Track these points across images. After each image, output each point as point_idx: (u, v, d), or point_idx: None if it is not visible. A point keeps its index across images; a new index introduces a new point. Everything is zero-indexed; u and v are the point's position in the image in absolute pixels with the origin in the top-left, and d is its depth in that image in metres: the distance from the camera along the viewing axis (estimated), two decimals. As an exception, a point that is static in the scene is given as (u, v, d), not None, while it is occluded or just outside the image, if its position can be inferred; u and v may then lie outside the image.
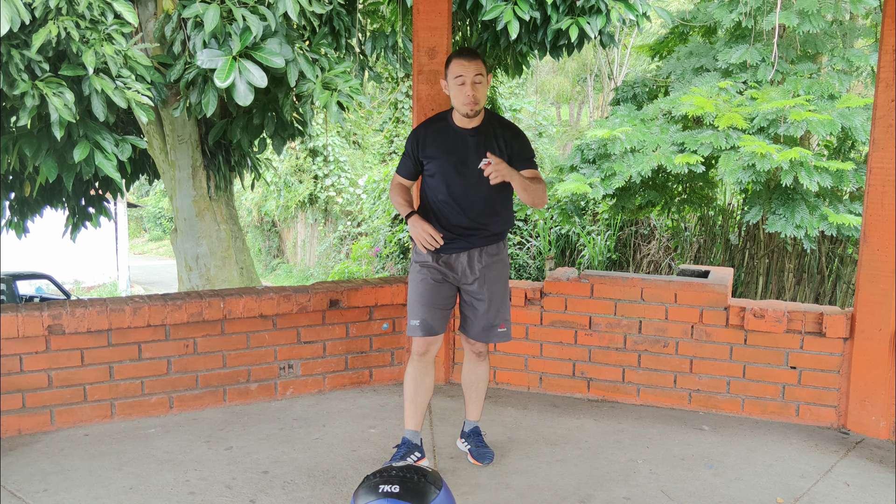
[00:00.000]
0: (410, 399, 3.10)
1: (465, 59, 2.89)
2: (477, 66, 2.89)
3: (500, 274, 3.10)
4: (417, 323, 3.04)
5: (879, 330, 3.48)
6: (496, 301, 3.09)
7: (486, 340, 3.14)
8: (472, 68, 2.88)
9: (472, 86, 2.87)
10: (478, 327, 3.10)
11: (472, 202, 2.99)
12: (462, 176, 2.98)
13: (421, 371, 3.09)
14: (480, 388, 3.25)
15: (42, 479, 2.99)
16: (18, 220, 7.77)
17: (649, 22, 8.27)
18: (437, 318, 3.06)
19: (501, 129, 3.03)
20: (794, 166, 6.14)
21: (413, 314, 3.07)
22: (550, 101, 24.68)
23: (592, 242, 10.86)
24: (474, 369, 3.23)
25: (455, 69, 2.90)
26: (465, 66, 2.88)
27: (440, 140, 3.01)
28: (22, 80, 5.15)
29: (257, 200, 22.56)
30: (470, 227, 3.01)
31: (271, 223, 23.40)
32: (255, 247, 23.35)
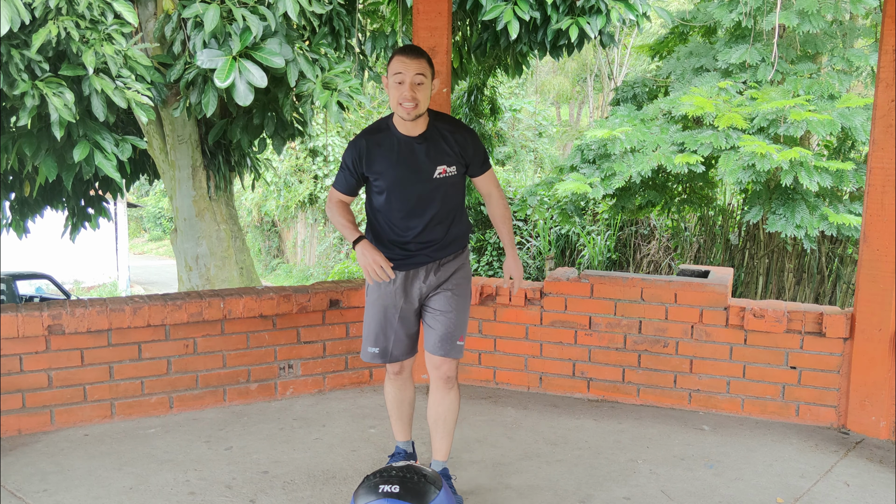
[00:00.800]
0: (396, 416, 2.98)
1: (407, 57, 2.59)
2: (419, 64, 2.59)
3: (461, 284, 2.83)
4: (377, 351, 2.84)
5: (879, 330, 3.49)
6: (456, 311, 2.79)
7: (445, 353, 2.77)
8: (412, 66, 2.58)
9: (411, 86, 2.57)
10: (435, 337, 2.77)
11: (426, 215, 2.72)
12: (414, 190, 2.70)
13: (399, 388, 2.93)
14: (449, 422, 2.83)
15: (42, 479, 2.99)
16: (19, 221, 7.77)
17: (649, 22, 8.27)
18: (399, 346, 2.84)
19: (452, 133, 2.73)
20: (794, 166, 6.14)
21: (371, 340, 2.85)
22: (550, 101, 24.69)
23: (592, 242, 10.86)
24: (441, 399, 2.81)
25: (395, 66, 2.60)
26: (405, 63, 2.58)
27: (385, 152, 2.70)
28: (22, 80, 5.15)
29: (257, 200, 22.55)
30: (426, 240, 2.75)
31: (271, 223, 23.40)
32: (255, 247, 23.35)
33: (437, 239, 2.77)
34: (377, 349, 2.85)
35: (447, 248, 2.80)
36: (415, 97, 2.58)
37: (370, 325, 2.86)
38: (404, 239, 2.75)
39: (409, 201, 2.72)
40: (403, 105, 2.59)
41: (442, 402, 2.81)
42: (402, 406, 2.96)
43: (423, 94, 2.61)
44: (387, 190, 2.71)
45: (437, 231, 2.76)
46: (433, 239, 2.76)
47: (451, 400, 2.81)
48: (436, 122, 2.74)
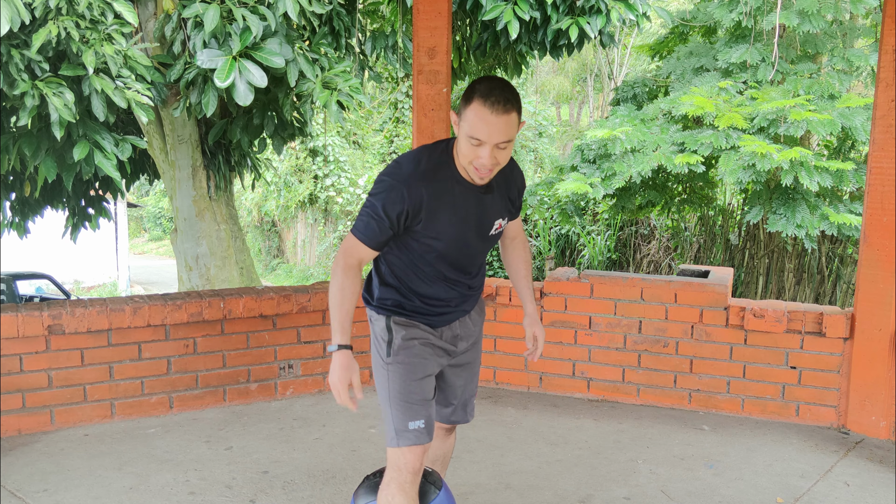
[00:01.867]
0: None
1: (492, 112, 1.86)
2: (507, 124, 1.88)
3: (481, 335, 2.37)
4: (423, 424, 2.08)
5: (879, 330, 3.48)
6: (478, 368, 2.38)
7: (465, 419, 2.36)
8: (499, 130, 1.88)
9: (492, 154, 1.91)
10: (459, 402, 2.33)
11: (472, 268, 2.21)
12: (467, 250, 2.13)
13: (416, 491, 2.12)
14: (446, 459, 2.47)
15: (42, 479, 2.99)
16: (19, 221, 7.77)
17: (649, 22, 8.27)
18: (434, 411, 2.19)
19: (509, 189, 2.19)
20: (794, 166, 6.14)
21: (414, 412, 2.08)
22: (550, 101, 24.69)
23: (592, 242, 10.86)
24: (441, 444, 2.40)
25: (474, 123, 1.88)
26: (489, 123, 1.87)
27: (449, 202, 2.03)
28: (22, 80, 5.16)
29: (257, 200, 22.56)
30: (466, 294, 2.22)
31: (271, 223, 23.40)
32: (255, 247, 23.35)
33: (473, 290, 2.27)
34: (423, 422, 2.08)
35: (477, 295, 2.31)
36: (496, 163, 1.95)
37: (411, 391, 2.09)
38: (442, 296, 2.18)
39: (464, 257, 2.15)
40: (479, 171, 1.95)
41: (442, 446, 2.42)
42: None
43: (505, 155, 1.96)
44: (436, 251, 2.08)
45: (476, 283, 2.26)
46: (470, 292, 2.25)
47: (452, 440, 2.45)
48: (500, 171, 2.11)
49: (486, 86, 1.90)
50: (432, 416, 2.13)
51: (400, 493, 2.04)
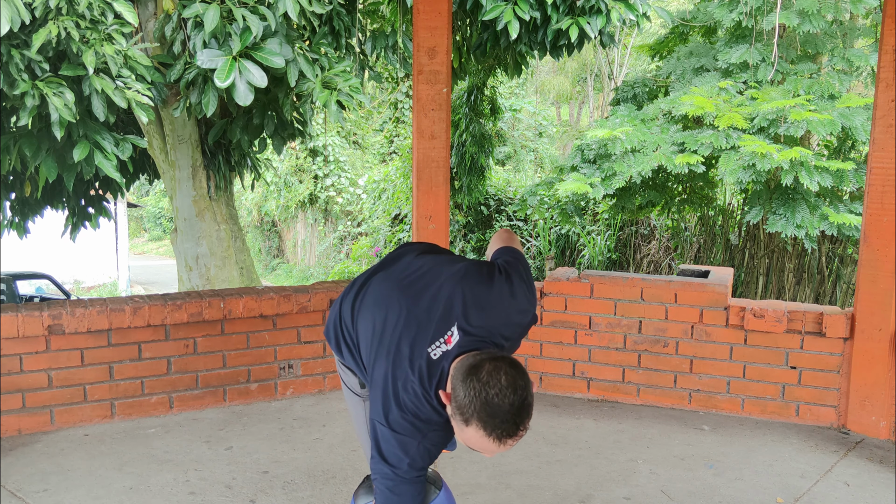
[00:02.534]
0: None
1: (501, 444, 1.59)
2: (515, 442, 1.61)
3: None
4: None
5: (879, 330, 3.48)
6: None
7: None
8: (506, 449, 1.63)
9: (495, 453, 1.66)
10: None
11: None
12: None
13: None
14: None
15: (42, 479, 2.99)
16: (19, 221, 7.77)
17: (649, 22, 8.27)
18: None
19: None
20: (794, 166, 6.14)
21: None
22: (550, 101, 24.68)
23: (592, 242, 10.86)
24: None
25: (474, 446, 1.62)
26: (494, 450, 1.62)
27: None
28: (22, 80, 5.16)
29: (257, 200, 22.56)
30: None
31: (271, 223, 23.40)
32: (255, 247, 23.35)
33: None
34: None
35: None
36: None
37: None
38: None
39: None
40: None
41: None
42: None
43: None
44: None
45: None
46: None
47: None
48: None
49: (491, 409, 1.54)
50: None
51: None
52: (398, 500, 1.70)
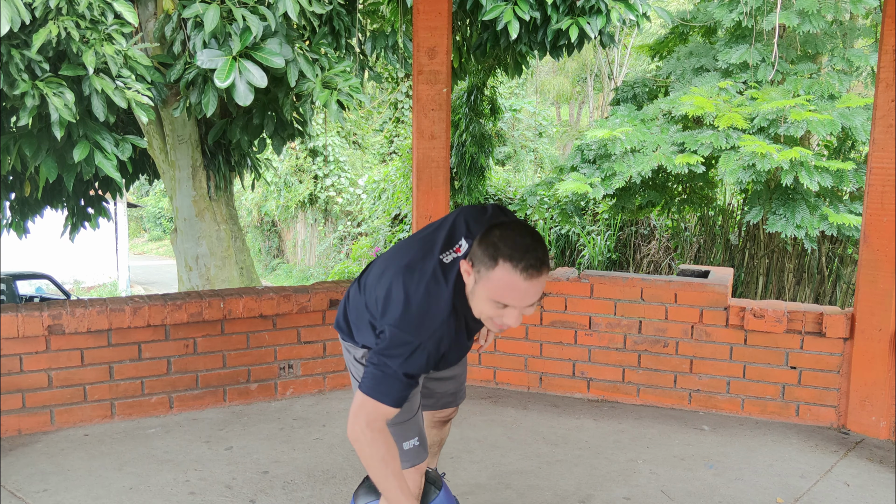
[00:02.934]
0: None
1: (528, 279, 1.68)
2: (541, 283, 1.71)
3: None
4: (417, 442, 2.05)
5: (879, 330, 3.48)
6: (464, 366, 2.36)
7: (455, 404, 2.35)
8: (533, 292, 1.71)
9: (521, 314, 1.76)
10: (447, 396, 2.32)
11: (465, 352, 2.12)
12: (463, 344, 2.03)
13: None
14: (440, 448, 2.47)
15: (42, 479, 2.99)
16: (19, 221, 7.77)
17: (649, 22, 8.27)
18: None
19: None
20: (794, 166, 6.14)
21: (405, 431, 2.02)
22: (550, 101, 24.68)
23: (592, 242, 10.85)
24: (438, 432, 2.41)
25: (502, 291, 1.70)
26: (523, 290, 1.69)
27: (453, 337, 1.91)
28: (22, 80, 5.16)
29: (257, 200, 22.56)
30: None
31: (271, 223, 23.40)
32: (255, 247, 23.35)
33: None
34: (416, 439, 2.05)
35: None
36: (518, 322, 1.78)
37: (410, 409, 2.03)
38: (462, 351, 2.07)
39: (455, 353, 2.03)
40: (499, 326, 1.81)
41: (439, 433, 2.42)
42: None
43: (530, 311, 1.80)
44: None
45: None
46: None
47: (448, 428, 2.45)
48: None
49: (513, 245, 1.69)
50: (423, 429, 2.08)
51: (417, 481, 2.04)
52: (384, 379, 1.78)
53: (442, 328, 1.83)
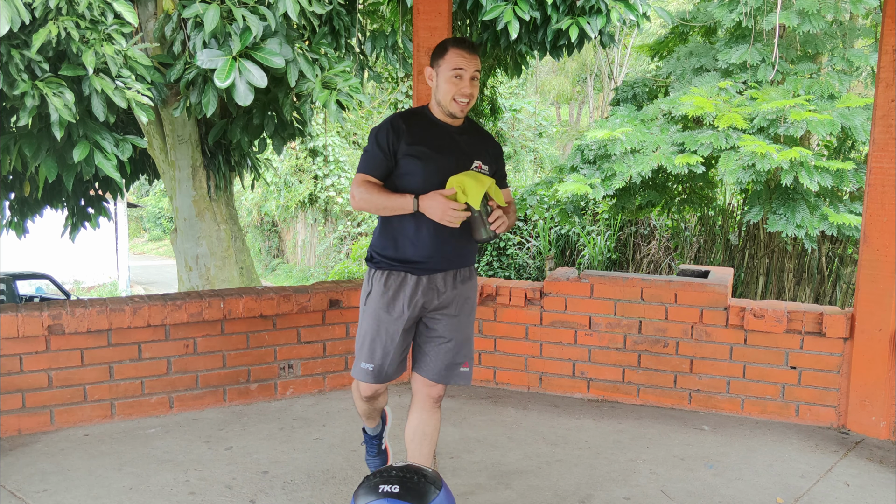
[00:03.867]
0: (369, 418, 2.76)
1: (467, 52, 2.47)
2: (477, 61, 2.50)
3: (471, 306, 2.62)
4: (371, 367, 2.53)
5: (879, 330, 3.48)
6: (463, 334, 2.59)
7: (447, 381, 2.57)
8: (473, 62, 2.47)
9: (470, 82, 2.46)
10: (439, 365, 2.55)
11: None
12: (448, 177, 2.45)
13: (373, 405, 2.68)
14: (433, 441, 2.62)
15: (42, 479, 2.99)
16: (18, 221, 7.77)
17: (649, 22, 8.27)
18: (394, 365, 2.56)
19: (484, 142, 2.62)
20: (794, 166, 6.14)
21: (365, 355, 2.54)
22: (550, 101, 24.69)
23: (592, 242, 10.86)
24: (428, 419, 2.59)
25: (454, 59, 2.46)
26: (465, 58, 2.46)
27: (427, 136, 2.49)
28: (22, 80, 5.16)
29: (257, 200, 22.56)
30: (452, 242, 2.52)
31: (271, 223, 23.40)
32: (255, 247, 23.35)
33: (458, 243, 2.54)
34: (371, 366, 2.53)
35: (464, 258, 2.58)
36: (472, 93, 2.48)
37: (366, 336, 2.53)
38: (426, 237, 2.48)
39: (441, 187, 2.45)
40: (458, 101, 2.47)
41: (428, 422, 2.59)
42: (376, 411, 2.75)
43: (476, 91, 2.51)
44: (419, 175, 2.46)
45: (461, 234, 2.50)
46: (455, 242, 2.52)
47: (437, 419, 2.61)
48: (470, 123, 2.65)
49: (456, 39, 2.54)
50: (384, 367, 2.53)
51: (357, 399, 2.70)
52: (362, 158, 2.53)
53: (405, 115, 2.54)
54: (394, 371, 2.56)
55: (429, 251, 2.50)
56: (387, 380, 2.56)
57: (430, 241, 2.49)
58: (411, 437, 2.58)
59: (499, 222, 2.42)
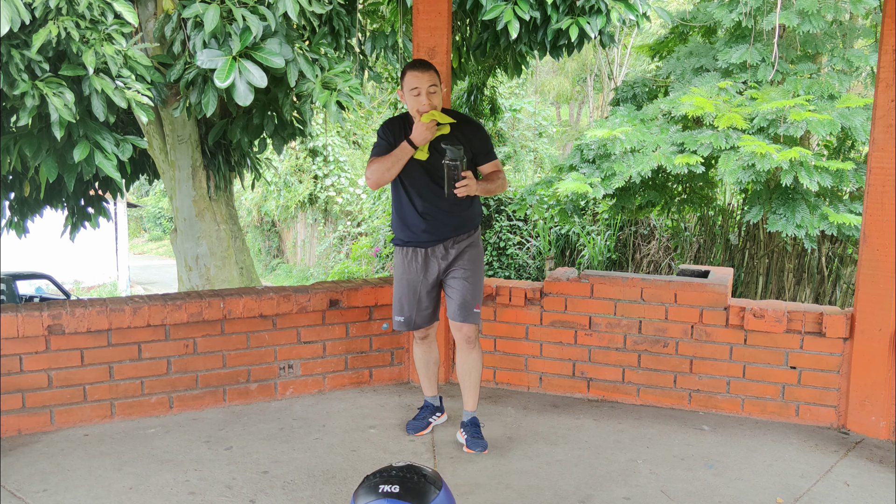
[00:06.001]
0: (423, 373, 3.54)
1: (419, 71, 3.13)
2: (430, 76, 3.14)
3: (474, 255, 3.33)
4: (402, 320, 3.40)
5: (879, 330, 3.49)
6: (470, 279, 3.29)
7: (463, 319, 3.28)
8: (425, 79, 3.12)
9: (427, 95, 3.12)
10: (454, 306, 3.28)
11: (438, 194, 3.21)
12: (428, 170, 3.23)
13: (425, 350, 3.52)
14: (474, 377, 3.35)
15: (42, 479, 2.99)
16: (18, 220, 7.77)
17: (649, 22, 8.27)
18: (421, 315, 3.39)
19: (461, 125, 3.24)
20: (794, 166, 6.13)
21: (397, 310, 3.41)
22: (550, 101, 24.68)
23: (592, 242, 10.86)
24: (465, 358, 3.34)
25: (409, 81, 3.14)
26: (418, 77, 3.13)
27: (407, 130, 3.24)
28: (22, 80, 5.15)
29: (257, 200, 22.55)
30: (439, 217, 3.25)
31: (271, 223, 23.40)
32: (255, 247, 23.35)
33: (449, 216, 3.26)
34: (402, 318, 3.39)
35: (458, 229, 3.28)
36: (431, 104, 3.14)
37: (397, 297, 3.40)
38: (422, 215, 3.25)
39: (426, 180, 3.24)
40: (421, 112, 3.14)
41: (466, 360, 3.33)
42: (429, 365, 3.54)
43: (436, 100, 3.16)
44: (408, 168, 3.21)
45: (451, 209, 3.24)
46: (446, 216, 3.25)
47: (475, 358, 3.33)
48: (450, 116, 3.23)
49: (410, 62, 3.21)
50: (412, 318, 3.38)
51: (414, 345, 3.56)
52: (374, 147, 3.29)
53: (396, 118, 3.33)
54: (422, 321, 3.39)
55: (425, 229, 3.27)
56: (417, 327, 3.40)
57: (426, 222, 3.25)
58: (459, 375, 3.39)
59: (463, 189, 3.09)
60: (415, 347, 3.55)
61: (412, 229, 3.30)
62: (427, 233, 3.27)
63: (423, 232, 3.28)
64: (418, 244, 3.30)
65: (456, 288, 3.29)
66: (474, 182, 3.14)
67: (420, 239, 3.29)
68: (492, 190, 3.27)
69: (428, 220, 3.26)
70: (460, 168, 3.07)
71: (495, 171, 3.32)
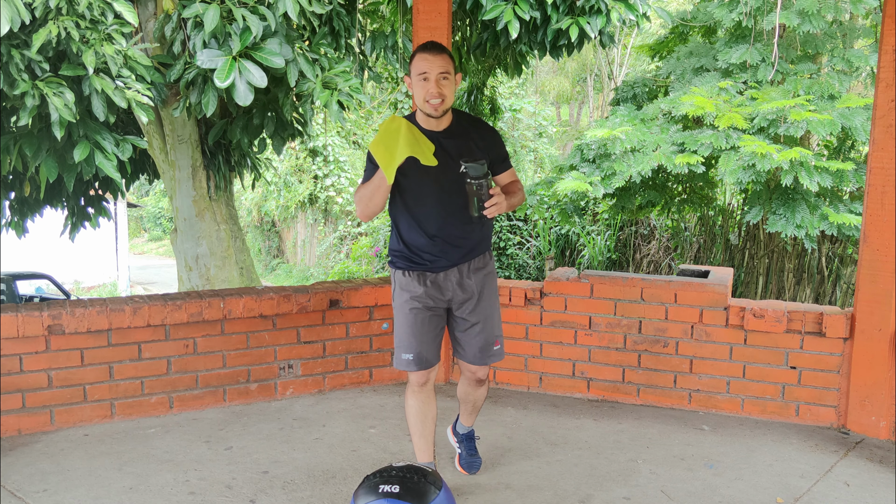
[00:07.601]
0: (419, 433, 2.81)
1: (430, 54, 2.57)
2: (443, 60, 2.57)
3: (490, 288, 2.83)
4: (411, 357, 2.74)
5: (879, 330, 3.48)
6: (489, 318, 2.82)
7: (483, 363, 2.84)
8: (437, 63, 2.56)
9: (436, 82, 2.56)
10: (474, 349, 2.82)
11: (453, 213, 2.67)
12: (441, 186, 2.65)
13: (424, 402, 2.80)
14: (477, 405, 3.03)
15: (42, 479, 2.99)
16: (18, 220, 7.77)
17: (649, 22, 8.27)
18: (431, 350, 2.78)
19: (476, 131, 2.74)
20: (794, 166, 6.13)
21: (404, 347, 2.76)
22: (550, 101, 24.68)
23: (592, 242, 10.86)
24: (473, 391, 2.98)
25: (419, 65, 2.58)
26: (429, 60, 2.56)
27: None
28: (22, 80, 5.15)
29: (257, 200, 22.55)
30: (452, 241, 2.71)
31: (271, 223, 23.40)
32: (255, 247, 23.35)
33: (462, 239, 2.72)
34: (411, 355, 2.74)
35: (474, 250, 2.77)
36: (441, 93, 2.57)
37: (403, 331, 2.76)
38: (430, 239, 2.69)
39: (435, 199, 2.67)
40: (430, 102, 2.58)
41: (474, 392, 2.98)
42: (426, 423, 2.81)
43: (448, 89, 2.59)
44: (411, 187, 2.66)
45: (463, 231, 2.71)
46: (458, 239, 2.72)
47: (483, 391, 3.00)
48: (460, 119, 2.74)
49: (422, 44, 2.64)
50: (422, 353, 2.74)
51: (410, 396, 2.83)
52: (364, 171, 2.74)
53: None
54: (432, 357, 2.78)
55: (436, 254, 2.71)
56: (427, 365, 2.76)
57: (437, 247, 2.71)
58: (460, 396, 3.03)
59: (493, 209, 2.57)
60: (409, 399, 2.82)
61: (421, 255, 2.73)
62: (438, 258, 2.72)
63: (433, 258, 2.71)
64: (428, 268, 2.74)
65: (474, 328, 2.81)
66: (503, 198, 2.59)
67: (429, 267, 2.73)
68: (515, 204, 2.76)
69: (439, 245, 2.70)
70: (486, 185, 2.54)
71: (513, 182, 2.83)
